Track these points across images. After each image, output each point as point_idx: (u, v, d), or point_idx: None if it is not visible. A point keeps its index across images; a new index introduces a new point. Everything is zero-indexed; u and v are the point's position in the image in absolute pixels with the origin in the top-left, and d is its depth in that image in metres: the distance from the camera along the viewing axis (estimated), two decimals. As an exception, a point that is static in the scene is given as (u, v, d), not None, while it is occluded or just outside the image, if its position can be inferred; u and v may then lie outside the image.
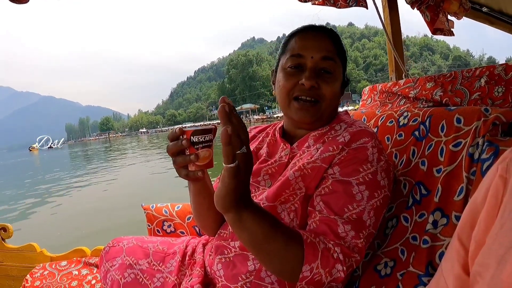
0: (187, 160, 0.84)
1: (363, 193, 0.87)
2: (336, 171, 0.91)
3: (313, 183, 0.94)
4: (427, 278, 0.85)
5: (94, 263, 1.78)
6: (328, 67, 1.03)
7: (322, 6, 1.85)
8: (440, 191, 0.91)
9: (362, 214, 0.86)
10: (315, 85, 1.00)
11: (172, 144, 0.86)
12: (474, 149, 0.88)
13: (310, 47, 1.03)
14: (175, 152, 0.86)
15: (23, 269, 2.01)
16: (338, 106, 1.12)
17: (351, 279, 1.04)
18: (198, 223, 1.17)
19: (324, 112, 1.04)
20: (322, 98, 1.02)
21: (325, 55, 1.02)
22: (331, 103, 1.04)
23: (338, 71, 1.05)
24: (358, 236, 0.85)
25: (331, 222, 0.86)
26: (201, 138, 0.84)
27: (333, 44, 1.05)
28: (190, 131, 0.84)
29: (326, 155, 0.94)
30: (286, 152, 1.07)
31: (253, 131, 1.28)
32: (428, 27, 2.03)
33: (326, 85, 1.02)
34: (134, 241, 1.27)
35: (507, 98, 0.99)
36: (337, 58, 1.05)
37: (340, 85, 1.07)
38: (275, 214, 0.96)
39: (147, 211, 1.66)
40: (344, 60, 1.09)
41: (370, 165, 0.90)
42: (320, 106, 1.03)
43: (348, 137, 0.94)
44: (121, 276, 1.16)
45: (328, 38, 1.05)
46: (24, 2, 1.53)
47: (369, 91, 1.72)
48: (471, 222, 0.52)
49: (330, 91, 1.03)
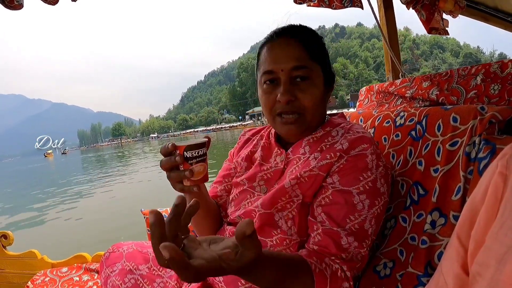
0: (181, 176, 0.84)
1: (364, 202, 0.87)
2: (335, 180, 0.91)
3: (310, 191, 0.94)
4: (426, 278, 0.85)
5: (95, 269, 1.78)
6: (302, 74, 0.97)
7: (317, 8, 1.85)
8: (437, 191, 0.91)
9: (364, 223, 0.86)
10: (291, 98, 0.96)
11: (165, 160, 0.86)
12: (470, 148, 0.88)
13: (278, 59, 0.98)
14: (169, 168, 0.86)
15: (25, 276, 2.01)
16: (326, 107, 1.07)
17: (351, 281, 1.04)
18: (196, 230, 1.18)
19: (310, 121, 1.01)
20: (303, 109, 0.98)
21: (294, 65, 0.97)
22: (314, 111, 1.00)
23: (316, 74, 1.00)
24: (361, 245, 0.86)
25: (334, 234, 0.86)
26: (194, 153, 0.84)
27: (304, 47, 0.98)
28: (183, 147, 0.83)
29: (324, 163, 0.93)
30: (281, 158, 1.06)
31: (247, 133, 1.28)
32: (423, 26, 2.03)
33: (304, 95, 0.97)
34: (134, 247, 1.27)
35: (503, 96, 0.99)
36: (310, 62, 0.98)
37: (322, 88, 1.01)
38: (271, 222, 0.97)
39: (146, 216, 1.66)
40: (322, 58, 1.02)
41: (370, 173, 0.89)
42: (304, 118, 0.99)
43: (346, 144, 0.92)
44: (122, 282, 1.16)
45: (297, 42, 0.99)
46: (18, 9, 1.53)
47: (366, 92, 1.72)
48: (470, 221, 0.51)
49: (310, 99, 0.98)
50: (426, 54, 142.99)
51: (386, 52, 2.02)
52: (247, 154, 1.16)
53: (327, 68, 1.05)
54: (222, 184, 1.21)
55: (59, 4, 1.60)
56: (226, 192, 1.20)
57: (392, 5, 2.03)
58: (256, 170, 1.08)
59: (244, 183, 1.09)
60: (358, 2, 1.82)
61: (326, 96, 1.06)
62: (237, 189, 1.12)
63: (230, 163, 1.24)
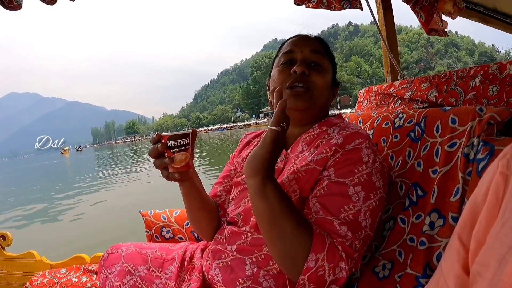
0: (163, 163, 0.94)
1: (359, 194, 0.87)
2: (331, 172, 0.91)
3: (307, 185, 0.94)
4: (425, 279, 0.85)
5: (94, 270, 1.77)
6: (317, 60, 1.09)
7: (316, 9, 1.85)
8: (436, 192, 0.91)
9: (358, 215, 0.86)
10: (306, 72, 1.05)
11: (152, 148, 0.95)
12: (469, 149, 0.88)
13: (299, 44, 1.11)
14: (155, 155, 0.96)
15: (23, 277, 2.00)
16: (329, 105, 1.15)
17: (350, 282, 1.04)
18: (193, 226, 1.20)
19: (315, 101, 1.07)
20: (313, 85, 1.06)
21: (314, 48, 1.09)
22: (322, 92, 1.08)
23: (328, 66, 1.11)
24: (355, 236, 0.85)
25: (327, 223, 0.86)
26: (176, 143, 0.93)
27: (321, 44, 1.14)
28: (167, 136, 0.92)
29: (320, 157, 0.94)
30: (281, 158, 1.07)
31: (248, 136, 1.30)
32: (422, 27, 2.03)
33: (317, 74, 1.07)
34: (132, 248, 1.27)
35: (502, 97, 0.99)
36: (325, 55, 1.12)
37: (330, 80, 1.12)
38: None
39: (145, 217, 1.66)
40: (333, 62, 1.16)
41: (365, 166, 0.90)
42: (312, 94, 1.06)
43: (341, 139, 0.94)
44: (120, 283, 1.16)
45: (318, 40, 1.14)
46: (18, 9, 1.53)
47: (365, 93, 1.72)
48: (471, 221, 0.51)
49: (321, 80, 1.07)
50: (441, 53, 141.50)
51: (385, 54, 2.02)
52: (247, 155, 1.16)
53: (335, 72, 1.17)
54: (222, 184, 1.24)
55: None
56: (225, 192, 1.22)
57: (391, 7, 2.03)
58: None
59: (243, 182, 1.10)
60: (357, 3, 1.82)
61: (331, 92, 1.15)
62: (237, 189, 1.13)
63: (230, 165, 1.26)
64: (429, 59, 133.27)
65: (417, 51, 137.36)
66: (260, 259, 0.98)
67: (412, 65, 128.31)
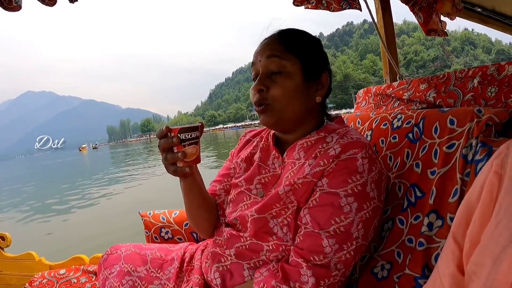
0: (175, 157, 0.91)
1: (352, 205, 0.86)
2: (324, 183, 0.90)
3: (304, 197, 0.94)
4: (423, 280, 0.85)
5: (93, 270, 1.77)
6: (275, 66, 1.00)
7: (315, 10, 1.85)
8: (434, 193, 0.92)
9: (350, 226, 0.86)
10: (262, 88, 1.01)
11: (164, 140, 0.92)
12: (467, 150, 0.88)
13: (259, 53, 1.05)
14: (166, 149, 0.93)
15: (22, 278, 2.00)
16: (311, 103, 1.05)
17: (349, 282, 1.04)
18: (192, 223, 1.19)
19: (282, 113, 1.01)
20: (271, 99, 1.00)
21: (268, 54, 1.02)
22: (285, 102, 1.00)
23: (290, 66, 1.01)
24: (342, 248, 0.85)
25: (314, 236, 0.87)
26: (187, 136, 0.91)
27: (280, 40, 1.03)
28: (177, 129, 0.90)
29: (317, 170, 0.92)
30: (279, 162, 1.06)
31: (248, 135, 1.28)
32: (421, 28, 2.04)
33: (275, 86, 1.00)
34: (132, 249, 1.27)
35: (500, 98, 0.99)
36: (285, 54, 1.01)
37: (299, 80, 1.01)
38: (266, 228, 0.98)
39: (144, 218, 1.66)
40: (302, 53, 1.03)
41: (360, 176, 0.88)
42: (272, 108, 1.01)
43: (339, 149, 0.91)
44: (120, 283, 1.16)
45: (275, 37, 1.05)
46: (17, 10, 1.53)
47: (364, 94, 1.72)
48: (465, 220, 0.51)
49: (279, 90, 0.99)
50: (457, 51, 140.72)
51: (384, 54, 2.02)
52: (246, 156, 1.16)
53: (310, 62, 1.04)
54: (221, 183, 1.21)
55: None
56: (224, 192, 1.20)
57: (390, 8, 2.04)
58: (255, 172, 1.09)
59: (241, 184, 1.10)
60: (356, 4, 1.82)
61: (310, 92, 1.04)
62: (235, 190, 1.12)
63: (230, 163, 1.24)
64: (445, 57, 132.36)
65: (433, 49, 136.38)
66: (258, 264, 0.99)
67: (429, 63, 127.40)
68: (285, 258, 0.95)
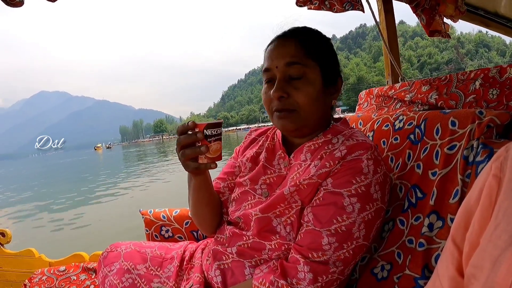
0: (197, 151, 0.89)
1: (354, 205, 0.87)
2: (329, 182, 0.91)
3: (309, 197, 0.94)
4: (423, 281, 0.85)
5: (93, 268, 1.77)
6: (295, 73, 0.98)
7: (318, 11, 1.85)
8: (435, 194, 0.92)
9: (352, 226, 0.86)
10: (283, 95, 0.98)
11: (185, 136, 0.90)
12: (468, 152, 0.88)
13: (274, 57, 1.01)
14: (186, 145, 0.90)
15: (22, 275, 2.00)
16: (328, 109, 1.07)
17: (349, 282, 1.04)
18: (197, 221, 1.19)
19: (306, 119, 1.00)
20: (296, 106, 0.98)
21: (288, 61, 0.98)
22: (309, 108, 0.99)
23: (311, 72, 0.99)
24: (342, 246, 0.86)
25: (315, 234, 0.88)
26: (213, 131, 0.88)
27: (300, 45, 0.99)
28: (204, 125, 0.88)
29: (323, 171, 0.92)
30: (285, 163, 1.06)
31: (253, 133, 1.28)
32: (424, 29, 2.04)
33: (297, 92, 0.97)
34: (132, 246, 1.27)
35: (501, 100, 0.99)
36: (305, 59, 0.98)
37: (319, 86, 1.00)
38: (269, 227, 0.98)
39: (145, 216, 1.66)
40: (321, 57, 1.02)
41: (364, 177, 0.88)
42: (298, 114, 0.99)
43: (345, 151, 0.92)
44: (119, 281, 1.16)
45: (294, 41, 1.00)
46: (19, 6, 1.54)
47: (366, 95, 1.72)
48: (465, 223, 0.51)
49: (303, 97, 0.97)
50: (471, 53, 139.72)
51: (386, 56, 2.03)
52: (252, 155, 1.16)
53: (329, 67, 1.03)
54: (225, 181, 1.21)
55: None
56: (228, 190, 1.20)
57: (393, 10, 2.04)
58: (260, 171, 1.09)
59: (246, 183, 1.10)
60: (359, 6, 1.83)
61: (327, 96, 1.04)
62: (240, 189, 1.13)
63: (234, 161, 1.24)
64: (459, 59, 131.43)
65: (447, 52, 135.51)
66: (259, 263, 0.99)
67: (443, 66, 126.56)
68: (286, 257, 0.95)
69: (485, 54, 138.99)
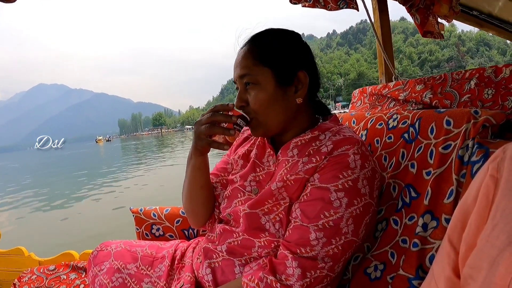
0: (225, 132, 0.96)
1: (342, 200, 0.86)
2: (315, 178, 0.91)
3: (296, 193, 0.94)
4: (417, 281, 0.85)
5: (83, 267, 1.75)
6: (248, 81, 1.00)
7: (312, 9, 1.84)
8: (429, 194, 0.91)
9: (340, 221, 0.86)
10: (242, 104, 1.02)
11: (221, 114, 0.97)
12: (464, 152, 0.88)
13: (234, 70, 1.06)
14: (217, 121, 0.97)
15: (11, 274, 1.98)
16: (293, 105, 1.02)
17: (341, 282, 1.04)
18: (189, 207, 1.17)
19: (267, 124, 1.01)
20: (253, 113, 1.01)
21: (239, 73, 1.02)
22: (266, 112, 1.00)
23: (262, 78, 0.98)
24: (330, 242, 0.86)
25: (303, 229, 0.88)
26: (241, 123, 0.98)
27: (248, 53, 1.01)
28: (238, 113, 0.98)
29: (310, 167, 0.93)
30: (273, 160, 1.06)
31: (246, 132, 1.27)
32: (418, 29, 2.04)
33: (252, 99, 1.00)
34: (122, 245, 1.26)
35: (497, 100, 0.99)
36: (254, 67, 0.99)
37: (272, 90, 0.98)
38: (258, 224, 0.98)
39: (135, 214, 1.64)
40: (271, 60, 0.99)
41: (351, 172, 0.88)
42: (257, 121, 1.01)
43: (331, 146, 0.92)
44: (109, 281, 1.15)
45: (243, 51, 1.02)
46: (12, 2, 1.51)
47: (359, 94, 1.72)
48: (461, 224, 0.51)
49: (257, 102, 0.99)
50: (472, 51, 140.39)
51: (380, 54, 2.03)
52: (244, 153, 1.16)
53: (282, 67, 1.00)
54: (218, 177, 1.21)
55: None
56: (221, 185, 1.19)
57: (387, 8, 2.04)
58: (250, 169, 1.09)
59: (237, 180, 1.10)
60: (354, 4, 1.82)
61: (290, 95, 1.01)
62: (231, 186, 1.13)
63: (228, 158, 1.24)
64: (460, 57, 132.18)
65: (448, 49, 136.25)
66: (249, 261, 0.99)
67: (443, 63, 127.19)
68: (276, 254, 0.95)
69: (485, 52, 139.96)
